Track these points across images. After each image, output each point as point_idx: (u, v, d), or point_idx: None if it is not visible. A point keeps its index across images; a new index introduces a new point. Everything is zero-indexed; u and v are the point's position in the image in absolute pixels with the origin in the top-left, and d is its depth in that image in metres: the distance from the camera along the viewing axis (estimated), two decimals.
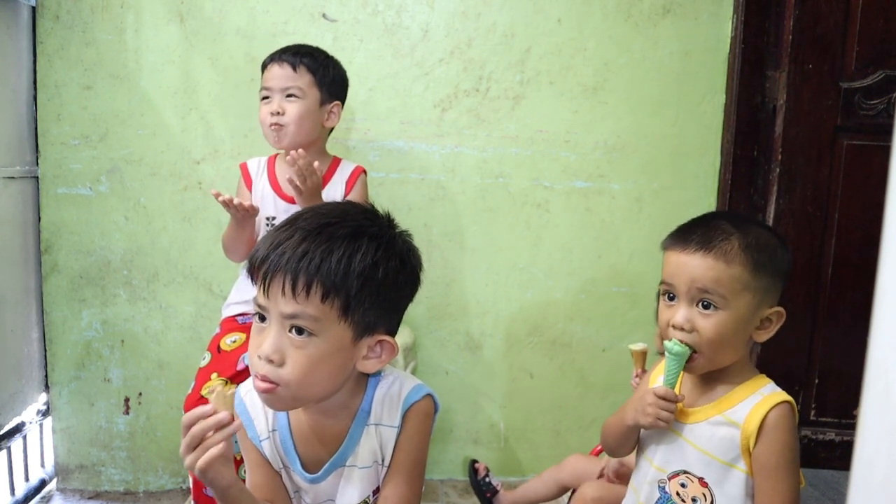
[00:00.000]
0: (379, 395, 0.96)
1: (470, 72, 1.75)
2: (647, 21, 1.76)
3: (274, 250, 0.83)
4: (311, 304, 0.82)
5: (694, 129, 1.80)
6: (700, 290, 0.98)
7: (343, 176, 1.52)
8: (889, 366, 0.37)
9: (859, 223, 1.75)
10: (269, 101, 1.44)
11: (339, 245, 0.83)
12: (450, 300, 1.82)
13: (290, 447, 0.96)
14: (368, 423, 0.95)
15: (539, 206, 1.81)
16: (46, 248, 1.72)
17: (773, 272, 1.00)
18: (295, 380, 0.83)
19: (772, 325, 1.02)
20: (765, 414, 0.96)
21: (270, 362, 0.83)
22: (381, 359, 0.90)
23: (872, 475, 0.38)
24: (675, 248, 1.02)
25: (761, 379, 1.03)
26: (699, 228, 1.02)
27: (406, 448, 0.95)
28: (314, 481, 0.96)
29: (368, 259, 0.84)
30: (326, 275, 0.81)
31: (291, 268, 0.81)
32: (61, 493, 1.76)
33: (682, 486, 1.04)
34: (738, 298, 0.97)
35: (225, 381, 0.81)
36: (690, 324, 0.98)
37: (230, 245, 1.48)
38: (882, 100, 1.72)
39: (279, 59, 1.44)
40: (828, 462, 1.80)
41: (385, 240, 0.88)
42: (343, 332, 0.85)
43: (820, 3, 1.69)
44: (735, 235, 0.99)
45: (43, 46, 1.66)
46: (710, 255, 0.98)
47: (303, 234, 0.84)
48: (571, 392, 1.87)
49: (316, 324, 0.82)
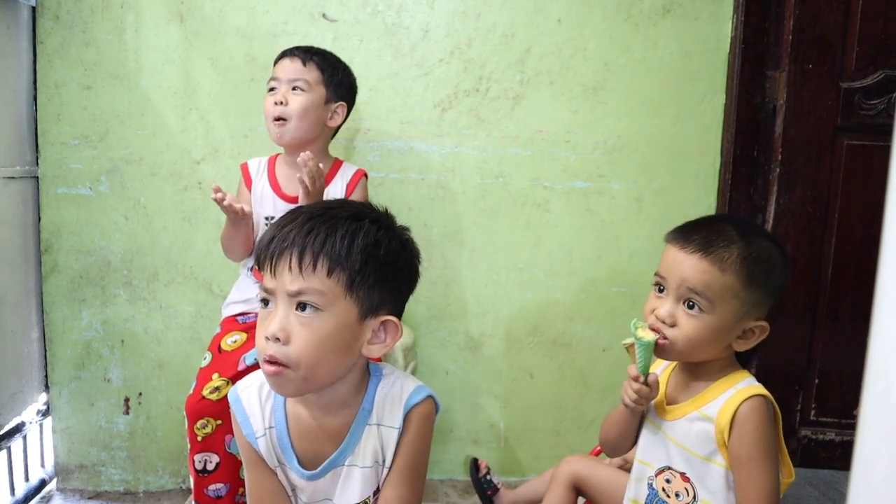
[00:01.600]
0: (380, 395, 0.96)
1: (470, 72, 1.75)
2: (647, 21, 1.76)
3: (279, 231, 0.87)
4: (316, 278, 0.85)
5: (694, 129, 1.80)
6: (689, 290, 0.99)
7: (344, 179, 1.52)
8: (889, 366, 0.37)
9: (859, 223, 1.75)
10: (275, 91, 1.44)
11: (343, 224, 0.87)
12: (450, 300, 1.82)
13: (287, 444, 0.96)
14: (370, 422, 0.95)
15: (539, 206, 1.81)
16: (46, 248, 1.72)
17: (767, 287, 1.00)
18: (303, 357, 0.85)
19: (753, 338, 1.02)
20: (736, 407, 0.97)
21: (277, 340, 0.85)
22: (386, 342, 0.92)
23: (872, 475, 0.38)
24: (675, 244, 1.03)
25: (740, 374, 1.04)
26: (703, 230, 1.02)
27: (407, 450, 0.96)
28: (311, 478, 0.96)
29: (371, 237, 0.88)
30: (331, 249, 0.85)
31: (298, 243, 0.85)
32: (61, 493, 1.76)
33: (666, 482, 1.05)
34: (724, 306, 0.98)
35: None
36: (672, 318, 1.00)
37: (227, 244, 1.49)
38: (882, 100, 1.72)
39: (291, 53, 1.46)
40: (828, 462, 1.80)
41: (385, 223, 0.92)
42: (348, 307, 0.87)
43: (820, 3, 1.69)
44: (737, 245, 0.99)
45: (43, 46, 1.66)
46: (707, 259, 0.98)
47: (307, 216, 0.88)
48: (571, 392, 1.87)
49: (322, 298, 0.85)
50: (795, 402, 1.81)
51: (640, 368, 1.01)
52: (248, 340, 1.43)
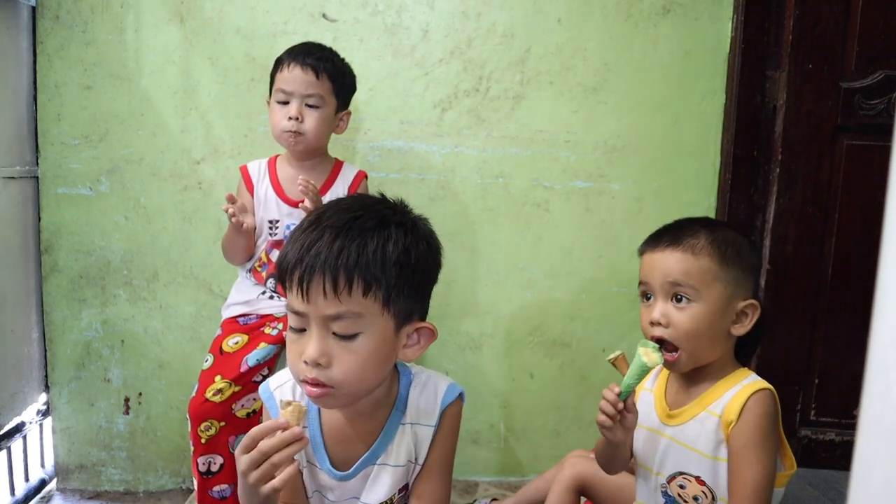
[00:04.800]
0: (414, 395, 0.97)
1: (470, 72, 1.75)
2: (647, 21, 1.76)
3: (307, 252, 0.82)
4: (353, 300, 0.81)
5: (694, 129, 1.80)
6: (672, 283, 1.01)
7: (345, 181, 1.52)
8: (889, 366, 0.37)
9: (859, 223, 1.75)
10: (288, 105, 1.41)
11: (372, 237, 0.83)
12: (450, 300, 1.82)
13: (320, 445, 0.96)
14: (404, 421, 0.96)
15: (539, 206, 1.81)
16: (46, 248, 1.72)
17: (742, 265, 1.02)
18: (346, 378, 0.83)
19: (748, 319, 1.03)
20: (744, 402, 0.98)
21: (318, 366, 0.82)
22: (420, 344, 0.91)
23: (872, 475, 0.38)
24: (648, 250, 1.07)
25: (743, 372, 1.05)
26: (670, 230, 1.07)
27: (441, 446, 0.97)
28: (343, 479, 0.96)
29: (400, 246, 0.84)
30: (366, 268, 0.81)
31: (330, 266, 0.80)
32: (61, 493, 1.76)
33: (681, 488, 1.05)
34: (709, 289, 1.00)
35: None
36: (666, 318, 1.01)
37: (229, 248, 1.49)
38: (882, 100, 1.72)
39: (302, 62, 1.40)
40: (828, 462, 1.80)
41: (409, 225, 0.89)
42: (386, 323, 0.85)
43: (820, 3, 1.69)
44: (703, 232, 1.03)
45: (43, 46, 1.66)
46: (679, 249, 1.02)
47: (333, 232, 0.83)
48: (571, 392, 1.87)
49: (360, 320, 0.82)
50: (795, 402, 1.81)
51: (625, 386, 0.98)
52: (250, 342, 1.43)
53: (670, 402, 1.09)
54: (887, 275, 0.38)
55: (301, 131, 1.41)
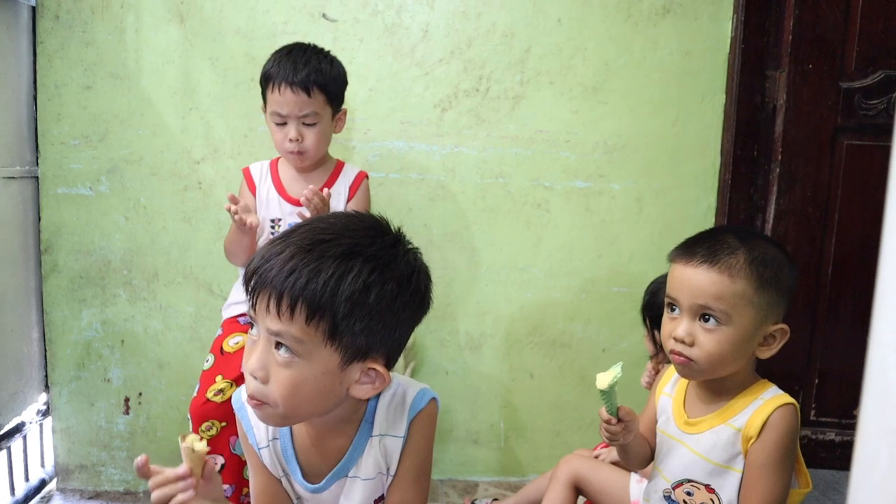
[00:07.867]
0: (382, 406, 0.95)
1: (470, 72, 1.75)
2: (647, 21, 1.76)
3: (265, 263, 0.80)
4: (294, 324, 0.78)
5: (694, 129, 1.80)
6: (702, 305, 0.96)
7: (346, 181, 1.52)
8: (889, 366, 0.37)
9: (859, 223, 1.75)
10: (286, 127, 1.41)
11: (329, 265, 0.78)
12: (450, 300, 1.82)
13: (292, 456, 0.95)
14: (372, 434, 0.94)
15: (539, 206, 1.81)
16: (46, 248, 1.72)
17: (779, 288, 0.98)
18: (280, 400, 0.81)
19: (775, 343, 1.00)
20: (766, 417, 0.96)
21: (255, 379, 0.82)
22: (375, 385, 0.85)
23: (872, 475, 0.38)
24: (680, 261, 1.01)
25: (764, 384, 1.03)
26: (705, 242, 1.00)
27: (413, 454, 0.95)
28: (315, 491, 0.96)
29: (359, 282, 0.79)
30: (312, 295, 0.77)
31: (277, 284, 0.78)
32: (61, 493, 1.76)
33: (687, 495, 1.04)
34: (740, 314, 0.95)
35: (199, 437, 0.83)
36: (691, 337, 0.97)
37: (231, 249, 1.49)
38: (882, 100, 1.72)
39: (291, 82, 1.37)
40: (828, 462, 1.80)
41: (383, 261, 0.82)
42: (329, 356, 0.80)
43: (820, 3, 1.69)
44: (741, 250, 0.97)
45: (43, 46, 1.66)
46: (715, 269, 0.96)
47: (293, 251, 0.79)
48: (571, 392, 1.87)
49: (300, 345, 0.79)
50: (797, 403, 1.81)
51: (609, 411, 1.00)
52: None
53: (689, 410, 1.07)
54: (887, 275, 0.38)
55: (303, 150, 1.42)
